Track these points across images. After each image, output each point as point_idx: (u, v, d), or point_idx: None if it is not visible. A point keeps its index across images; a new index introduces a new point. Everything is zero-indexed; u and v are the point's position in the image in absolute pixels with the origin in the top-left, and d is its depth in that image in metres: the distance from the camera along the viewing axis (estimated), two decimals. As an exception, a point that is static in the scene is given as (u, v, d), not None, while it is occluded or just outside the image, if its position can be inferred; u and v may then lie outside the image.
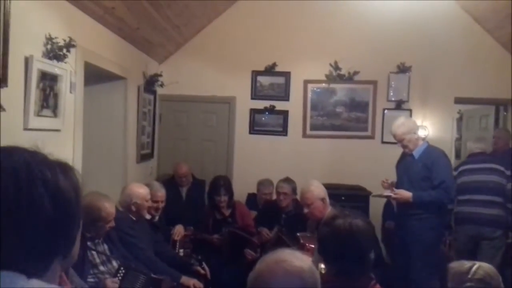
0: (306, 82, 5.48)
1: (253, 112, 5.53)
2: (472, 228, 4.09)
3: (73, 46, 2.98)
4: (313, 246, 3.05)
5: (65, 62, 2.94)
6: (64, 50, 2.88)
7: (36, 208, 0.79)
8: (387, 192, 3.69)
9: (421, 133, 4.73)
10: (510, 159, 4.55)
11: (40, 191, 0.79)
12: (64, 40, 2.90)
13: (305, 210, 3.36)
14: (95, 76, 3.85)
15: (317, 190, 3.36)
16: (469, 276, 2.02)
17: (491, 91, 5.36)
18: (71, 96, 3.16)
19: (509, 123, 5.89)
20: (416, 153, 3.68)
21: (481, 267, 2.05)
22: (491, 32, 5.26)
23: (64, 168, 0.86)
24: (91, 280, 2.74)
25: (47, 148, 0.87)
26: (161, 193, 3.77)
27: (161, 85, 5.14)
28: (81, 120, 3.37)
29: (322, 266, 2.11)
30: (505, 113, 5.99)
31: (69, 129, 3.17)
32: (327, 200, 3.39)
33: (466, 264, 2.09)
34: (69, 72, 3.05)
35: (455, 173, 4.18)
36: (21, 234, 0.78)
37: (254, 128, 5.54)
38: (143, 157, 4.90)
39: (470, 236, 4.10)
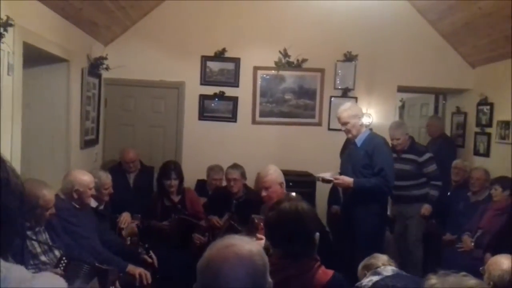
0: (256, 69, 5.49)
1: (203, 98, 5.47)
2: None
3: (11, 25, 2.81)
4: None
5: (2, 43, 2.78)
6: (1, 30, 2.72)
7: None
8: (329, 176, 3.78)
9: (366, 120, 4.90)
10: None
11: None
12: (1, 19, 2.73)
13: (263, 193, 3.39)
14: (35, 58, 3.67)
15: (276, 174, 3.42)
16: None
17: (431, 80, 5.61)
18: (8, 78, 2.99)
19: (447, 111, 6.22)
20: (359, 141, 3.79)
21: None
22: (432, 24, 5.48)
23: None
24: (32, 271, 2.63)
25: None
26: (109, 179, 3.73)
27: (106, 69, 4.96)
28: (20, 104, 3.20)
29: None
30: (444, 102, 6.31)
31: (7, 113, 3.01)
32: (284, 185, 3.45)
33: None
34: (6, 53, 2.89)
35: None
36: None
37: (204, 114, 5.49)
38: (87, 143, 4.74)
39: None
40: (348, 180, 3.68)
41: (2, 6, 2.81)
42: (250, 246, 1.30)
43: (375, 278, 2.30)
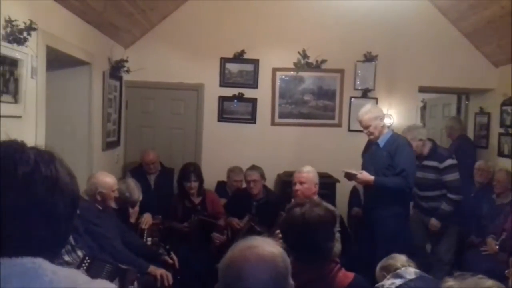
0: (275, 70, 5.47)
1: (222, 99, 5.49)
2: None
3: (34, 29, 2.86)
4: None
5: (26, 46, 2.83)
6: (25, 34, 2.77)
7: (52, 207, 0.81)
8: (353, 170, 3.77)
9: (387, 121, 4.82)
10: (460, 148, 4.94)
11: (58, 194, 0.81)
12: (25, 23, 2.78)
13: (297, 187, 3.43)
14: (58, 61, 3.73)
15: (313, 173, 3.53)
16: None
17: (453, 80, 5.51)
18: (32, 81, 3.05)
19: (470, 111, 6.11)
20: (381, 142, 3.75)
21: None
22: (454, 23, 5.38)
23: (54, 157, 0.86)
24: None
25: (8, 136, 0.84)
26: (140, 199, 3.87)
27: (127, 71, 5.02)
28: (43, 106, 3.26)
29: None
30: (466, 102, 6.20)
31: (31, 116, 3.07)
32: (318, 186, 3.51)
33: None
34: (30, 56, 2.94)
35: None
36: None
37: (223, 115, 5.50)
38: (109, 145, 4.80)
39: None
40: (369, 177, 3.66)
41: (26, 10, 2.87)
42: (272, 248, 1.29)
43: (398, 282, 2.26)
